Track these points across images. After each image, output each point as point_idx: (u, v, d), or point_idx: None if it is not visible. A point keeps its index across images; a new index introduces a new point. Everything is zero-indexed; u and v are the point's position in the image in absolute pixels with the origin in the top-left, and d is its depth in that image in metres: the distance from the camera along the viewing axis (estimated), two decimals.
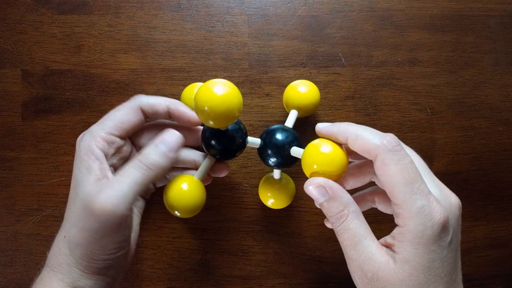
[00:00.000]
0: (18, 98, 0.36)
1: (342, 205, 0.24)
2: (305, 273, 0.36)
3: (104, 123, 0.28)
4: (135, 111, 0.29)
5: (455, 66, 0.37)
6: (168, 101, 0.30)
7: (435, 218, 0.22)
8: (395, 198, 0.23)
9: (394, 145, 0.23)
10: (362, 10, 0.37)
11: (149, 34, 0.36)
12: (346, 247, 0.24)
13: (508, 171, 0.37)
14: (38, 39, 0.36)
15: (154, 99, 0.30)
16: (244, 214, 0.36)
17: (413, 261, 0.22)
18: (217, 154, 0.30)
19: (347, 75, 0.37)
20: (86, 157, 0.26)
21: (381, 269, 0.23)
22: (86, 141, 0.27)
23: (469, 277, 0.37)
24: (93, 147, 0.27)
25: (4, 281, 0.36)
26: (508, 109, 0.37)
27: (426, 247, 0.22)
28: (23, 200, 0.36)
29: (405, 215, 0.23)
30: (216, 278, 0.36)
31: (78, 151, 0.27)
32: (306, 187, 0.26)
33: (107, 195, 0.25)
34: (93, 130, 0.28)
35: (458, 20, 0.37)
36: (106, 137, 0.28)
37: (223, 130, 0.29)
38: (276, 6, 0.37)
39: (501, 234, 0.37)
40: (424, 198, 0.22)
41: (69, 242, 0.26)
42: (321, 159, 0.25)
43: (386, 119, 0.37)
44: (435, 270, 0.22)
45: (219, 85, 0.25)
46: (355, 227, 0.24)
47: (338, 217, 0.24)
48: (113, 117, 0.28)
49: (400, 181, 0.23)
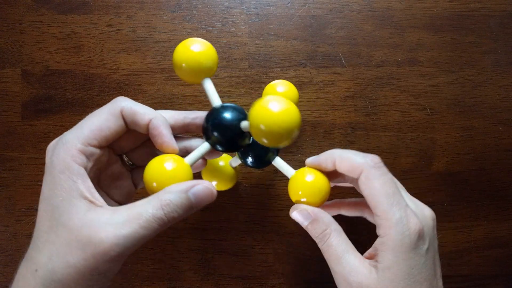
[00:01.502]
0: (18, 98, 0.36)
1: (324, 225, 0.27)
2: (305, 273, 0.36)
3: (80, 131, 0.23)
4: (116, 117, 0.24)
5: (455, 66, 0.37)
6: (153, 115, 0.25)
7: (411, 228, 0.24)
8: (377, 209, 0.25)
9: (376, 162, 0.26)
10: (362, 10, 0.37)
11: (149, 34, 0.36)
12: (331, 262, 0.26)
13: (508, 171, 0.37)
14: (38, 39, 0.36)
15: (138, 107, 0.25)
16: (244, 214, 0.36)
17: (394, 268, 0.24)
18: (218, 144, 0.26)
19: (347, 75, 0.37)
20: (63, 176, 0.22)
21: (365, 278, 0.24)
22: (60, 155, 0.22)
23: (469, 277, 0.37)
24: (71, 163, 0.22)
25: (4, 281, 0.36)
26: (508, 109, 0.37)
27: (405, 254, 0.24)
28: (23, 200, 0.36)
29: (385, 225, 0.25)
30: (216, 278, 0.36)
31: (51, 167, 0.22)
32: (291, 213, 0.28)
33: (114, 233, 0.21)
34: (67, 140, 0.23)
35: (458, 20, 0.37)
36: (83, 148, 0.23)
37: (229, 119, 0.26)
38: (276, 6, 0.37)
39: (501, 234, 0.37)
40: (403, 210, 0.25)
41: (43, 279, 0.21)
42: (306, 187, 0.28)
43: (386, 119, 0.37)
44: (415, 277, 0.24)
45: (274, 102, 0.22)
46: (337, 243, 0.26)
47: (322, 237, 0.27)
48: (91, 124, 0.23)
49: (382, 194, 0.25)
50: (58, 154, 0.22)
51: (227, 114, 0.26)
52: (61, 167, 0.22)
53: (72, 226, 0.21)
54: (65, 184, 0.22)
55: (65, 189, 0.22)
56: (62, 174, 0.22)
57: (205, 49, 0.27)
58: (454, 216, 0.37)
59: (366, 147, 0.37)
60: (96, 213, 0.21)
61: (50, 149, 0.23)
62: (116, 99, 0.25)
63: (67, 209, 0.21)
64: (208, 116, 0.27)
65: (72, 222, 0.21)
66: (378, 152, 0.37)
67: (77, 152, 0.22)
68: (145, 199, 0.22)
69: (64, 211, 0.21)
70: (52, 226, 0.22)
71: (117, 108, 0.24)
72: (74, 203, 0.22)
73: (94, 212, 0.22)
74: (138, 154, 0.28)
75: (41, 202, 0.23)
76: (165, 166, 0.23)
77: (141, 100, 0.36)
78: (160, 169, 0.23)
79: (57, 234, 0.21)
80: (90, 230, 0.21)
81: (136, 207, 0.22)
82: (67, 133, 0.24)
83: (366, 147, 0.37)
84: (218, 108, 0.27)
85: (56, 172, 0.22)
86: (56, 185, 0.22)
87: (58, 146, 0.23)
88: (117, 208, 0.22)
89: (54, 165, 0.22)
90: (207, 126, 0.26)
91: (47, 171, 0.23)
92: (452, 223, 0.37)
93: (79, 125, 0.24)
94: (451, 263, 0.37)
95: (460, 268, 0.37)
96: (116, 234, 0.21)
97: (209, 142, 0.26)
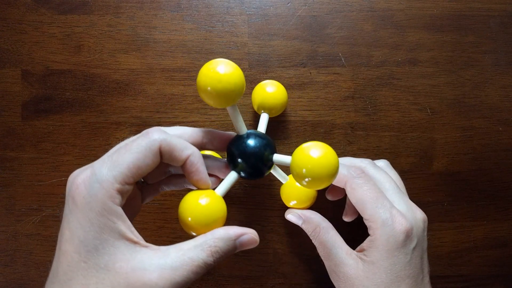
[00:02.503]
0: (18, 98, 0.36)
1: (314, 224, 0.31)
2: (305, 273, 0.36)
3: (117, 168, 0.21)
4: (154, 154, 0.23)
5: (455, 66, 0.37)
6: (190, 150, 0.24)
7: (396, 228, 0.27)
8: (364, 214, 0.28)
9: (358, 173, 0.29)
10: (362, 10, 0.37)
11: (149, 34, 0.36)
12: (323, 257, 0.30)
13: (508, 171, 0.37)
14: (38, 39, 0.36)
15: (175, 142, 0.23)
16: (245, 214, 0.36)
17: (378, 263, 0.27)
18: (243, 171, 0.27)
19: (347, 75, 0.37)
20: (102, 218, 0.21)
21: (350, 269, 0.28)
22: (98, 196, 0.21)
23: (469, 277, 0.37)
24: (110, 204, 0.21)
25: (4, 281, 0.36)
26: (508, 109, 0.37)
27: (389, 252, 0.27)
28: (23, 200, 0.36)
29: (373, 227, 0.28)
30: (216, 278, 0.36)
31: (87, 209, 0.21)
32: (286, 215, 0.33)
33: (169, 278, 0.20)
34: (103, 179, 0.21)
35: (458, 20, 0.37)
36: (121, 188, 0.21)
37: (250, 145, 0.27)
38: (276, 6, 0.37)
39: (501, 234, 0.37)
40: (388, 212, 0.27)
41: None
42: (296, 194, 0.32)
43: (386, 119, 0.37)
44: (398, 272, 0.27)
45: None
46: (326, 239, 0.30)
47: (314, 234, 0.31)
48: (129, 161, 0.22)
49: (367, 200, 0.28)
50: (95, 195, 0.21)
51: (252, 141, 0.27)
52: (99, 209, 0.20)
53: (119, 270, 0.20)
54: (105, 227, 0.21)
55: (105, 231, 0.20)
56: (101, 216, 0.20)
57: (234, 72, 0.24)
58: (454, 216, 0.37)
59: (366, 147, 0.37)
60: (145, 255, 0.21)
61: (81, 186, 0.21)
62: (152, 132, 0.23)
63: (109, 252, 0.20)
64: (234, 144, 0.27)
65: (118, 265, 0.20)
66: (378, 152, 0.37)
67: (115, 192, 0.21)
68: (192, 242, 0.22)
69: (106, 254, 0.20)
70: (90, 269, 0.20)
71: (156, 144, 0.23)
72: (117, 245, 0.21)
73: (141, 253, 0.21)
74: (152, 173, 0.26)
75: (69, 242, 0.21)
76: (200, 202, 0.24)
77: (141, 100, 0.36)
78: (195, 205, 0.24)
79: (98, 277, 0.20)
80: (143, 274, 0.20)
81: (186, 251, 0.22)
82: (101, 168, 0.21)
83: (366, 147, 0.37)
84: (244, 136, 0.27)
85: (94, 215, 0.20)
86: (94, 226, 0.20)
87: (94, 186, 0.21)
88: (165, 249, 0.22)
89: (92, 207, 0.21)
90: (234, 154, 0.27)
91: (74, 206, 0.21)
92: (452, 223, 0.37)
93: (114, 160, 0.22)
94: (451, 263, 0.37)
95: (460, 268, 0.37)
96: (171, 280, 0.20)
97: (236, 170, 0.27)
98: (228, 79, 0.24)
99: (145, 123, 0.36)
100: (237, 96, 0.25)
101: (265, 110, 0.33)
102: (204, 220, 0.23)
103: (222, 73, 0.24)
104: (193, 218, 0.23)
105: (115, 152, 0.22)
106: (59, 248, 0.21)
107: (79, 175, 0.21)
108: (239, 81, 0.24)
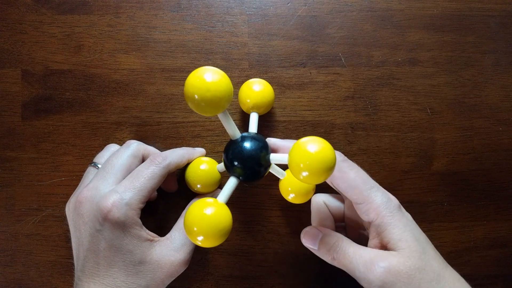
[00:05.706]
0: (18, 98, 0.36)
1: (334, 239, 0.28)
2: (305, 273, 0.36)
3: (140, 193, 0.29)
4: (164, 177, 0.31)
5: (455, 66, 0.37)
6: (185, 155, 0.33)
7: (393, 200, 0.28)
8: (359, 198, 0.27)
9: (343, 157, 0.29)
10: (362, 10, 0.37)
11: (149, 34, 0.36)
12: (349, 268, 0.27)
13: (508, 171, 0.37)
14: (38, 39, 0.36)
15: (178, 160, 0.32)
16: (244, 214, 0.36)
17: (402, 235, 0.26)
18: (241, 176, 0.28)
19: (347, 75, 0.37)
20: (132, 229, 0.28)
21: (387, 258, 0.25)
22: (128, 214, 0.28)
23: (469, 277, 0.37)
24: (136, 218, 0.29)
25: (4, 281, 0.36)
26: (508, 109, 0.37)
27: (400, 221, 0.26)
28: (23, 200, 0.36)
29: (372, 207, 0.27)
30: (216, 278, 0.36)
31: (120, 224, 0.28)
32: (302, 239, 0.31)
33: (181, 251, 0.30)
34: (131, 202, 0.28)
35: (458, 20, 0.37)
36: (142, 206, 0.29)
37: (246, 148, 0.27)
38: (276, 6, 0.37)
39: (501, 234, 0.37)
40: (380, 190, 0.28)
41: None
42: (296, 187, 0.33)
43: (386, 119, 0.37)
44: (422, 234, 0.27)
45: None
46: (345, 249, 0.27)
47: (332, 251, 0.28)
48: (149, 187, 0.29)
49: (359, 181, 0.28)
50: (126, 214, 0.28)
51: (248, 144, 0.28)
52: (130, 222, 0.28)
53: (150, 261, 0.29)
54: (135, 235, 0.28)
55: (136, 237, 0.28)
56: (132, 228, 0.28)
57: (221, 79, 0.24)
58: (454, 216, 0.37)
59: (366, 147, 0.37)
60: (161, 245, 0.29)
61: (113, 207, 0.27)
62: (166, 158, 0.31)
63: (141, 250, 0.28)
64: (230, 149, 0.28)
65: (149, 258, 0.29)
66: (378, 152, 0.37)
67: (139, 210, 0.29)
68: (180, 221, 0.32)
69: (139, 253, 0.28)
70: (128, 266, 0.28)
71: (166, 170, 0.30)
72: (145, 245, 0.29)
73: (158, 245, 0.29)
74: None
75: (107, 250, 0.28)
76: (205, 212, 0.25)
77: (141, 100, 0.36)
78: (201, 215, 0.25)
79: (139, 270, 0.28)
80: (167, 257, 0.29)
81: (182, 229, 0.31)
82: (127, 192, 0.28)
83: (366, 147, 0.37)
84: (239, 140, 0.28)
85: (127, 228, 0.28)
86: (127, 235, 0.28)
87: (123, 207, 0.28)
88: (169, 236, 0.30)
89: (125, 223, 0.28)
90: (231, 159, 0.27)
91: (113, 227, 0.27)
92: (452, 223, 0.37)
93: (136, 186, 0.29)
94: (451, 263, 0.37)
95: (460, 268, 0.37)
96: (184, 250, 0.30)
97: (234, 175, 0.28)
98: (216, 87, 0.23)
99: (145, 123, 0.36)
100: (227, 102, 0.24)
101: (254, 109, 0.33)
102: (211, 231, 0.25)
103: (210, 81, 0.23)
104: (198, 227, 0.25)
105: (134, 178, 0.29)
106: (95, 254, 0.28)
107: (107, 198, 0.28)
108: (227, 88, 0.24)
